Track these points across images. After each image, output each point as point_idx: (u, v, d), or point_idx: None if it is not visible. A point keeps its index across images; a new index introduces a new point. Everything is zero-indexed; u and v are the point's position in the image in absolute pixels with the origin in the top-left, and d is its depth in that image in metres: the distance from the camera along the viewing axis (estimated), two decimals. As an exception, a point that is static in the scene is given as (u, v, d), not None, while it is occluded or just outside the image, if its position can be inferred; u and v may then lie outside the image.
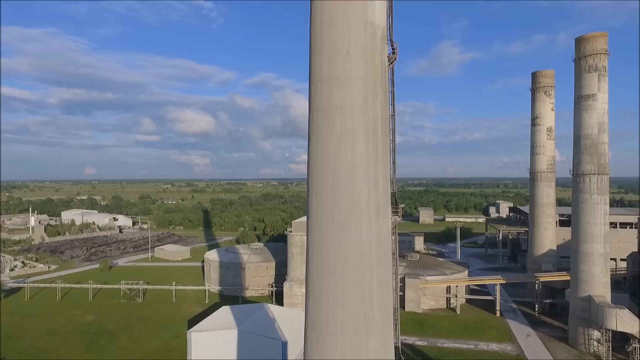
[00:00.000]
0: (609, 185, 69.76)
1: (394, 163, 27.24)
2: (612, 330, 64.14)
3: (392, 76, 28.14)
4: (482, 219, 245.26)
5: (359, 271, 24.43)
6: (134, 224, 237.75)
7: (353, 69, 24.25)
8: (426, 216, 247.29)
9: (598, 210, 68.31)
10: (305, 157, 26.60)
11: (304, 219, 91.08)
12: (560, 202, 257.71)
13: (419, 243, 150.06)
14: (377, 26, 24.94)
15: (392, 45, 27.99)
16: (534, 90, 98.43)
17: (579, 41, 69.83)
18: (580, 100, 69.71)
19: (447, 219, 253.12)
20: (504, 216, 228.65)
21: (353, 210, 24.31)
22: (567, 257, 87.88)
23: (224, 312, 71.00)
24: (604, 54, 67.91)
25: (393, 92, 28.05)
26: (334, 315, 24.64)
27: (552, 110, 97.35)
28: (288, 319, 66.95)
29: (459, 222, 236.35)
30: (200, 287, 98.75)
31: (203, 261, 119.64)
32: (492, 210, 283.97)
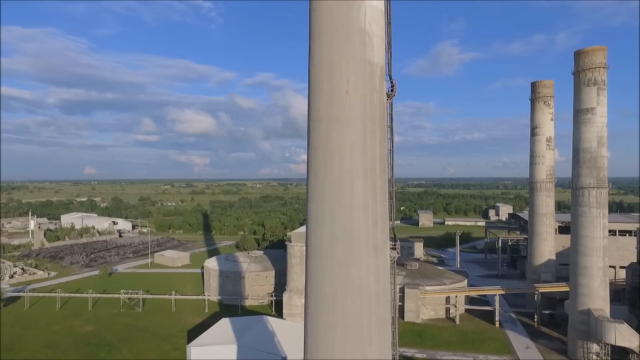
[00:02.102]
0: (608, 199, 69.78)
1: (392, 198, 27.26)
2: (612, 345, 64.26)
3: (391, 111, 28.20)
4: (481, 223, 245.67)
5: (358, 310, 24.47)
6: (133, 227, 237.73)
7: (352, 109, 24.27)
8: (426, 220, 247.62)
9: (597, 223, 68.34)
10: (305, 156, 26.67)
11: (303, 229, 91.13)
12: (560, 206, 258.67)
13: (419, 249, 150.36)
14: (376, 65, 24.97)
15: (390, 82, 28.01)
16: (533, 100, 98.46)
17: (577, 55, 69.87)
18: (579, 114, 69.76)
19: (446, 223, 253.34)
20: (504, 219, 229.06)
21: (351, 250, 24.35)
22: (566, 264, 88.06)
23: (224, 325, 71.12)
24: (603, 67, 67.95)
25: (391, 127, 28.10)
26: (332, 354, 24.66)
27: (552, 120, 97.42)
28: (287, 332, 67.08)
29: (459, 226, 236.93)
30: (200, 297, 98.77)
31: (202, 268, 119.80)
32: (491, 213, 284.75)
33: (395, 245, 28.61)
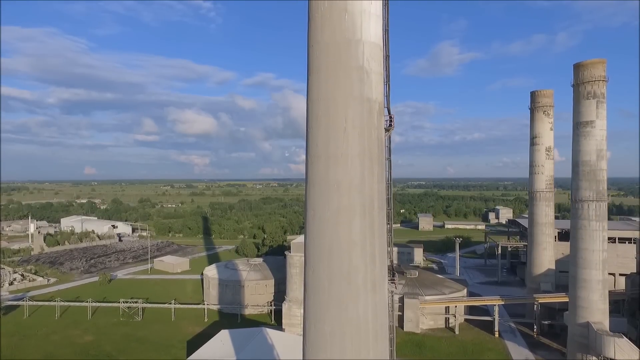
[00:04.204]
0: (607, 212, 69.71)
1: (391, 231, 27.21)
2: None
3: (389, 144, 28.12)
4: (481, 226, 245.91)
5: (356, 348, 24.40)
6: (133, 230, 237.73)
7: (350, 146, 24.22)
8: (425, 223, 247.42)
9: (596, 236, 68.25)
10: (304, 157, 26.52)
11: (302, 239, 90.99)
12: (560, 208, 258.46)
13: (418, 255, 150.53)
14: (374, 101, 24.90)
15: (389, 116, 27.93)
16: (532, 110, 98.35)
17: (577, 67, 69.77)
18: (578, 127, 69.68)
19: (446, 226, 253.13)
20: (504, 222, 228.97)
21: (349, 288, 24.30)
22: (566, 271, 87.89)
23: (223, 337, 71.00)
24: (603, 80, 67.84)
25: (389, 159, 28.01)
26: (331, 391, 24.60)
27: (551, 130, 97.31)
28: (287, 346, 66.90)
29: (458, 229, 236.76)
30: (200, 306, 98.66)
31: (202, 274, 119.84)
32: (491, 216, 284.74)
33: (393, 278, 28.52)
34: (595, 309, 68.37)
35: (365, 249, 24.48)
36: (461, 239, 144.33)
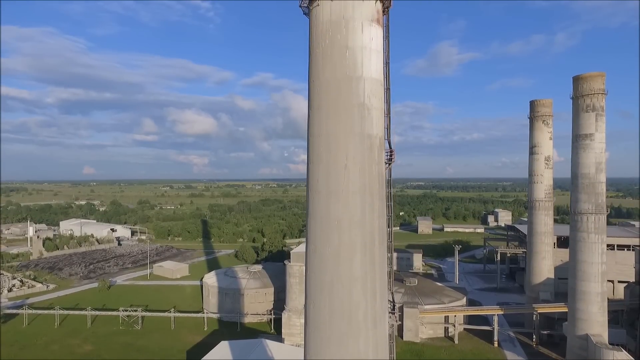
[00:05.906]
0: (606, 224, 69.87)
1: (390, 263, 27.29)
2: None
3: (389, 177, 28.19)
4: (480, 229, 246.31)
5: (356, 383, 24.51)
6: (132, 234, 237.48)
7: (350, 182, 24.35)
8: (425, 226, 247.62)
9: (595, 249, 68.46)
10: (304, 157, 26.76)
11: (302, 248, 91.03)
12: (559, 211, 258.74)
13: (418, 260, 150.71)
14: (375, 137, 25.02)
15: (390, 149, 28.02)
16: (532, 119, 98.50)
17: (576, 80, 69.92)
18: (577, 139, 69.83)
19: (445, 229, 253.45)
20: (503, 224, 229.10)
21: (350, 324, 24.43)
22: (565, 278, 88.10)
23: (222, 349, 71.00)
24: (602, 93, 67.99)
25: (391, 194, 28.09)
26: None
27: (550, 139, 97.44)
28: (287, 357, 67.01)
29: (458, 233, 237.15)
30: (199, 315, 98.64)
31: (201, 280, 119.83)
32: (490, 219, 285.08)
33: (393, 311, 28.59)
34: (594, 321, 68.61)
35: (365, 285, 24.60)
36: (460, 246, 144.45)
